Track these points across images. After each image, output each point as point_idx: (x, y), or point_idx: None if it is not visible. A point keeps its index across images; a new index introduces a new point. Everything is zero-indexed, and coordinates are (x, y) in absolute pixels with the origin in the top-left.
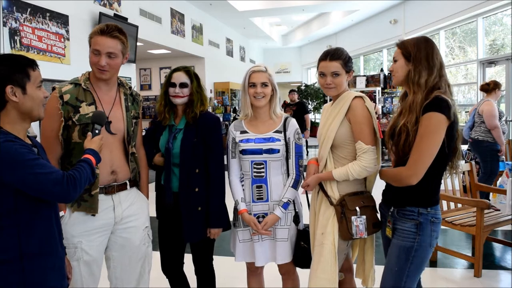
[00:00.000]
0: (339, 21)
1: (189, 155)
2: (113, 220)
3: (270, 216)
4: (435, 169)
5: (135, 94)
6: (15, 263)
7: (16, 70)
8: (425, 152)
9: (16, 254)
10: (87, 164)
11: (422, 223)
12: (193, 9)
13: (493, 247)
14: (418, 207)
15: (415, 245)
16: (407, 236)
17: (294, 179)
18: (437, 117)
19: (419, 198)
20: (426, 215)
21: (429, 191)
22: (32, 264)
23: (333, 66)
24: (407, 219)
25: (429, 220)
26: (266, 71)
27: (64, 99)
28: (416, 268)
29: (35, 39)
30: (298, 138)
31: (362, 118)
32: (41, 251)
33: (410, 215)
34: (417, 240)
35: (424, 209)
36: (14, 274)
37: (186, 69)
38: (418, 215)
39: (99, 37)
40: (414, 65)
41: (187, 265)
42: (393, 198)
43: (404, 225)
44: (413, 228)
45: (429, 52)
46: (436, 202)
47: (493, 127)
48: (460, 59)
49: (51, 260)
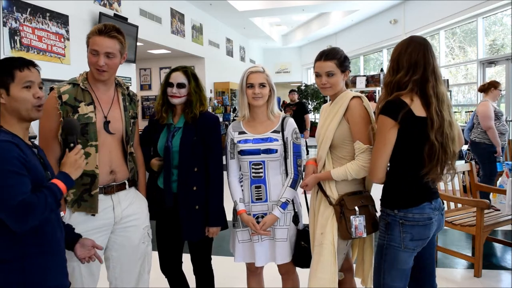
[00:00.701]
0: (339, 21)
1: (188, 153)
2: (112, 220)
3: (268, 216)
4: (401, 171)
5: (132, 94)
6: (16, 262)
7: (1, 72)
8: (375, 152)
9: (17, 253)
10: (50, 192)
11: (390, 223)
12: (193, 9)
13: (493, 247)
14: (386, 208)
15: (385, 243)
16: (380, 234)
17: (292, 178)
18: (382, 120)
19: (387, 199)
20: (393, 216)
21: (396, 193)
22: (33, 264)
23: (327, 66)
24: (381, 219)
25: (397, 221)
26: (264, 72)
27: (63, 99)
28: (390, 266)
29: (35, 39)
30: (296, 138)
31: (360, 118)
32: (41, 250)
33: (382, 215)
34: (386, 239)
35: (390, 210)
36: (14, 273)
37: (184, 69)
38: (386, 216)
39: (97, 37)
40: (388, 68)
41: (186, 264)
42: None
43: (381, 224)
44: (383, 227)
45: (401, 52)
46: (409, 204)
47: (487, 128)
48: (460, 59)
49: (52, 259)
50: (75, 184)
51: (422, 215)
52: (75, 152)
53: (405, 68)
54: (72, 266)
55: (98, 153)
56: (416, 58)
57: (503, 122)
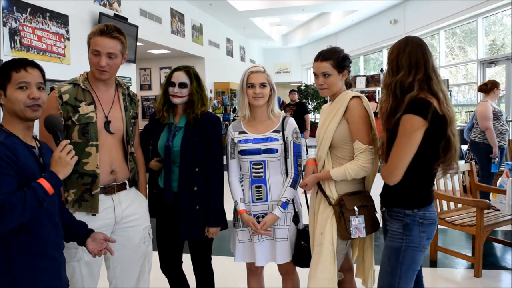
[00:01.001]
0: (339, 21)
1: (190, 153)
2: (113, 220)
3: (269, 216)
4: (421, 170)
5: (132, 95)
6: (2, 262)
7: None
8: (399, 153)
9: (4, 254)
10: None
11: (409, 224)
12: (193, 9)
13: (493, 247)
14: (404, 208)
15: (403, 246)
16: (395, 237)
17: (292, 178)
18: (412, 120)
19: (405, 199)
20: (413, 216)
21: (415, 192)
22: (20, 264)
23: (323, 67)
24: (395, 220)
25: (416, 221)
26: (264, 72)
27: (63, 99)
28: (407, 268)
29: (35, 39)
30: (296, 138)
31: (360, 118)
32: (29, 250)
33: (397, 216)
34: (404, 241)
35: (410, 210)
36: (2, 274)
37: (186, 69)
38: (404, 216)
39: (99, 37)
40: (387, 69)
41: (186, 264)
42: (384, 199)
43: (393, 226)
44: (400, 229)
45: (399, 52)
46: (426, 203)
47: (485, 128)
48: (460, 59)
49: (42, 260)
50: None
51: (434, 213)
52: (59, 149)
53: (406, 68)
54: (73, 266)
55: (98, 153)
56: (416, 57)
57: (503, 122)
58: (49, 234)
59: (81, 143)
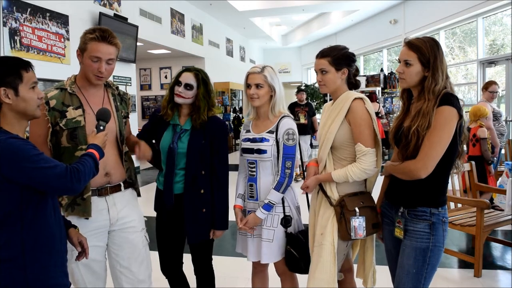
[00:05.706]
0: (339, 21)
1: (197, 157)
2: (108, 222)
3: (251, 215)
4: (444, 166)
5: (122, 94)
6: (17, 259)
7: (9, 72)
8: (436, 144)
9: (19, 251)
10: (90, 158)
11: (435, 223)
12: (193, 9)
13: (493, 247)
14: (430, 207)
15: (430, 245)
16: (421, 237)
17: (277, 181)
18: (449, 110)
19: (430, 198)
20: (437, 215)
21: (439, 190)
22: (34, 261)
23: (320, 64)
24: (420, 220)
25: (440, 220)
26: (262, 72)
27: (50, 105)
28: (432, 268)
29: (35, 39)
30: (287, 139)
31: (362, 120)
32: (42, 248)
33: (423, 216)
34: (431, 240)
35: (435, 209)
36: (16, 270)
37: (196, 72)
38: (431, 216)
39: (100, 44)
40: (432, 73)
41: (186, 265)
42: (402, 199)
43: (417, 226)
44: (426, 229)
45: (442, 58)
46: (445, 201)
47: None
48: (460, 59)
49: (51, 256)
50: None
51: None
52: (104, 133)
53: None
54: (71, 268)
55: None
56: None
57: (502, 123)
58: (56, 231)
59: (70, 147)
